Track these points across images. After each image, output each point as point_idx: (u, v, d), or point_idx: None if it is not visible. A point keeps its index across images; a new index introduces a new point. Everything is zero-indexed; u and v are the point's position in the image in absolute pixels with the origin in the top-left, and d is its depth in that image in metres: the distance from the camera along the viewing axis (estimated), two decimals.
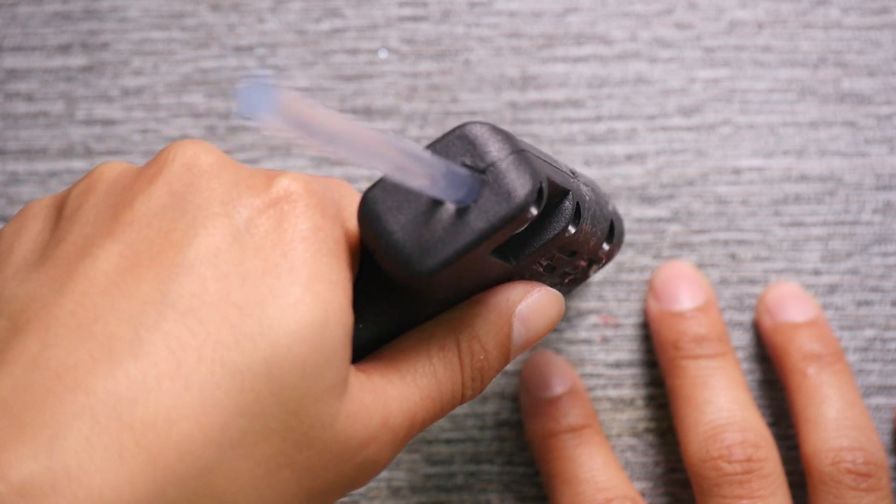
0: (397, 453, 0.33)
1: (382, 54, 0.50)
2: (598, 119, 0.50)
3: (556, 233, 0.33)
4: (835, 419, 0.44)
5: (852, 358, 0.49)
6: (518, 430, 0.49)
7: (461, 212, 0.30)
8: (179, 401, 0.27)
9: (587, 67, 0.50)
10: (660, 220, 0.49)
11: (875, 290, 0.49)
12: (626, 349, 0.49)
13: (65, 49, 0.50)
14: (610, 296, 0.49)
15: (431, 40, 0.50)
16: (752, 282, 0.49)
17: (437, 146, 0.31)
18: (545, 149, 0.49)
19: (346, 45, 0.50)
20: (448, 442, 0.49)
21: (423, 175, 0.28)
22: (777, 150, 0.49)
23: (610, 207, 0.39)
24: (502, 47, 0.50)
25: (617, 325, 0.49)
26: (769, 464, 0.43)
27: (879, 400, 0.49)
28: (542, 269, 0.35)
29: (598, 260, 0.39)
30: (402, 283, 0.31)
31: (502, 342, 0.34)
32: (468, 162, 0.30)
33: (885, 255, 0.49)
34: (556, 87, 0.50)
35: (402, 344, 0.33)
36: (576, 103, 0.50)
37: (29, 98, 0.50)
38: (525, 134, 0.50)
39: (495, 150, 0.30)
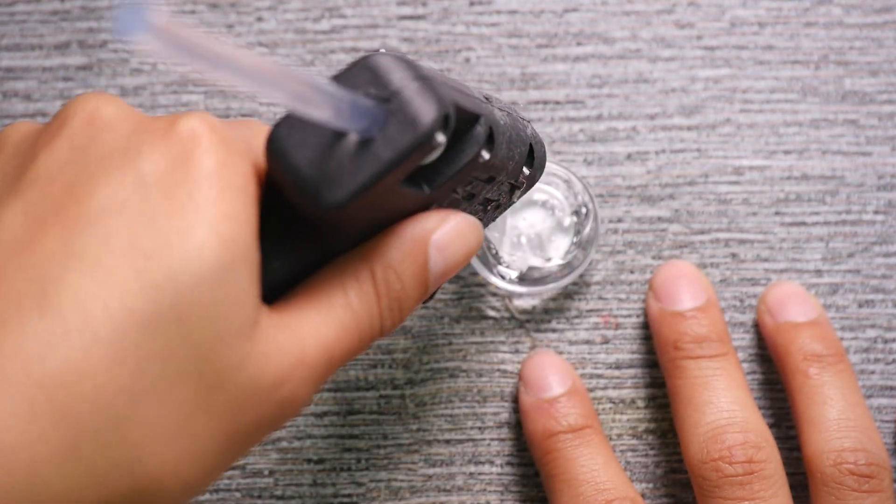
0: (317, 389, 0.32)
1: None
2: (599, 118, 0.50)
3: (470, 158, 0.33)
4: (836, 420, 0.44)
5: (854, 359, 0.48)
6: (518, 431, 0.48)
7: (367, 142, 0.29)
8: (88, 353, 0.27)
9: (588, 66, 0.50)
10: (660, 219, 0.49)
11: (877, 290, 0.49)
12: (627, 350, 0.49)
13: (63, 48, 0.50)
14: (610, 296, 0.49)
15: (431, 39, 0.50)
16: (754, 282, 0.49)
17: (340, 78, 0.30)
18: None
19: (345, 45, 0.50)
20: (448, 443, 0.49)
21: (326, 106, 0.27)
22: (778, 150, 0.49)
23: (528, 131, 0.38)
24: (502, 46, 0.50)
25: (617, 326, 0.49)
26: (770, 465, 0.43)
27: (881, 401, 0.48)
28: (460, 197, 0.34)
29: (519, 185, 0.38)
30: (313, 218, 0.30)
31: (419, 271, 0.33)
32: (372, 92, 0.30)
33: (887, 255, 0.49)
34: (557, 87, 0.50)
35: (317, 279, 0.32)
36: (576, 102, 0.50)
37: (27, 97, 0.50)
38: None
39: (399, 79, 0.30)
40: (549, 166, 0.48)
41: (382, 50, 0.34)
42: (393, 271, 0.33)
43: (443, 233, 0.33)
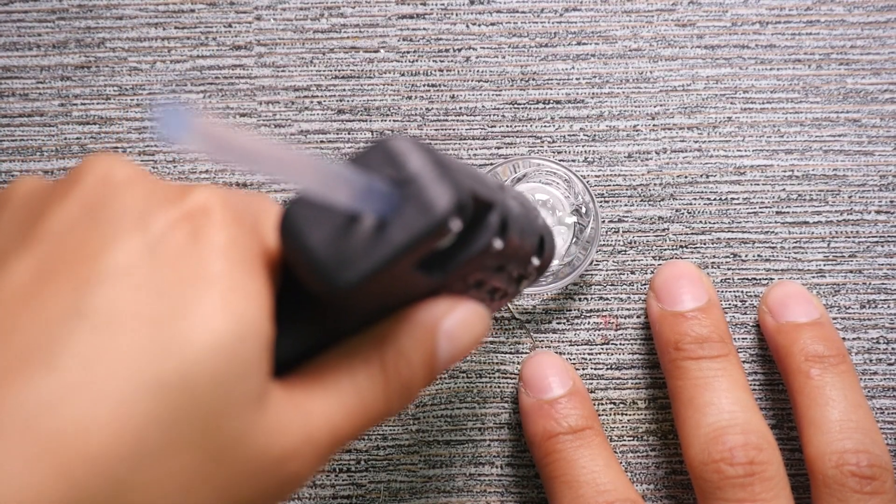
0: (320, 468, 0.32)
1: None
2: (600, 118, 0.49)
3: (482, 247, 0.32)
4: (838, 421, 0.43)
5: (856, 359, 0.48)
6: (518, 432, 0.48)
7: (381, 225, 0.29)
8: (92, 413, 0.26)
9: (588, 65, 0.50)
10: (661, 219, 0.49)
11: (879, 290, 0.49)
12: (628, 350, 0.49)
13: (60, 46, 0.50)
14: (611, 296, 0.49)
15: (431, 38, 0.50)
16: (755, 282, 0.49)
17: (357, 160, 0.30)
18: (545, 148, 0.49)
19: (344, 44, 0.50)
20: (447, 444, 0.48)
21: (343, 191, 0.28)
22: (780, 149, 0.49)
23: (540, 222, 0.38)
24: (503, 45, 0.50)
25: (618, 326, 0.49)
26: (772, 466, 0.42)
27: (884, 402, 0.48)
28: (470, 285, 0.35)
29: (527, 275, 0.38)
30: (324, 297, 0.30)
31: (428, 358, 0.33)
32: (389, 175, 0.30)
33: (889, 255, 0.49)
34: (557, 86, 0.50)
35: (326, 358, 0.32)
36: (577, 102, 0.49)
37: (24, 96, 0.50)
38: (526, 133, 0.49)
39: (416, 164, 0.30)
40: (550, 165, 0.47)
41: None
42: (403, 357, 0.33)
43: (453, 321, 0.33)
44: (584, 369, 0.48)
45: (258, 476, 0.30)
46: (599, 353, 0.49)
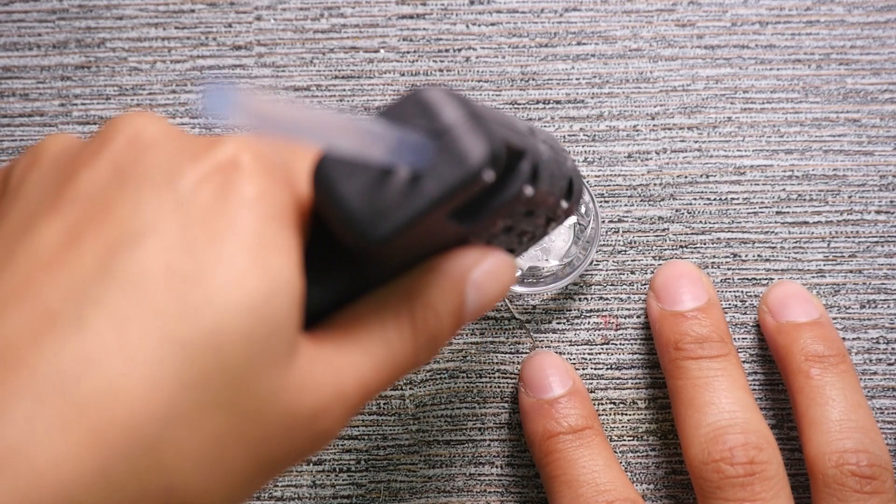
0: (349, 420, 0.32)
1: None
2: (600, 118, 0.49)
3: (514, 195, 0.32)
4: (838, 421, 0.43)
5: (856, 359, 0.48)
6: (518, 432, 0.48)
7: (416, 177, 0.29)
8: (124, 376, 0.26)
9: (588, 66, 0.50)
10: (661, 219, 0.49)
11: (879, 290, 0.49)
12: (628, 350, 0.49)
13: (60, 46, 0.50)
14: (611, 296, 0.49)
15: (431, 38, 0.50)
16: (755, 282, 0.49)
17: (390, 112, 0.30)
18: None
19: (344, 44, 0.50)
20: (447, 444, 0.48)
21: (377, 147, 0.27)
22: (780, 149, 0.49)
23: (569, 164, 0.38)
24: (502, 45, 0.50)
25: (618, 326, 0.49)
26: (772, 466, 0.42)
27: (884, 402, 0.48)
28: (499, 231, 0.35)
29: (556, 218, 0.38)
30: (356, 250, 0.30)
31: (456, 309, 0.33)
32: (423, 127, 0.29)
33: (889, 255, 0.49)
34: (557, 86, 0.50)
35: (356, 310, 0.32)
36: (577, 102, 0.49)
37: (24, 96, 0.50)
38: None
39: (450, 115, 0.29)
40: None
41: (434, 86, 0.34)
42: (432, 309, 0.33)
43: (481, 272, 0.33)
44: (584, 369, 0.48)
45: (289, 433, 0.30)
46: (599, 353, 0.49)
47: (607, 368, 0.49)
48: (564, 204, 0.38)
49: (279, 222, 0.29)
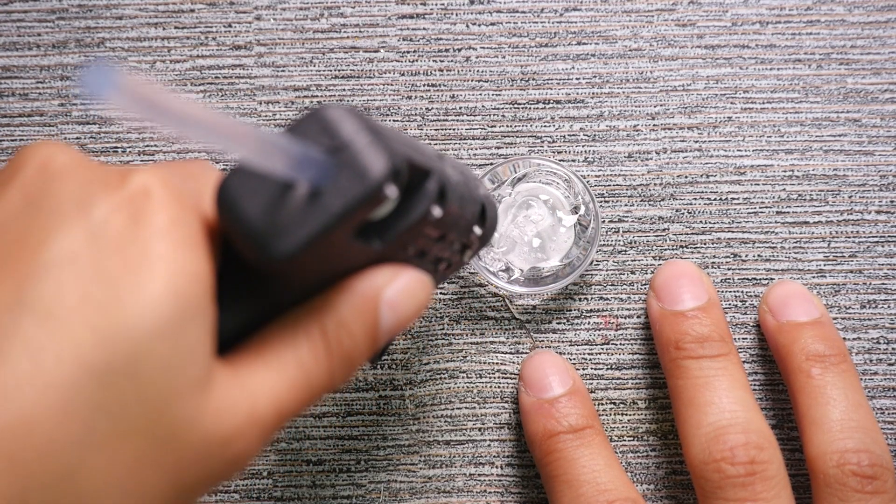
0: (266, 444, 0.32)
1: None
2: (600, 117, 0.49)
3: (421, 214, 0.32)
4: (839, 420, 0.43)
5: (857, 359, 0.48)
6: (518, 432, 0.48)
7: (317, 194, 0.29)
8: (39, 404, 0.27)
9: (588, 65, 0.50)
10: (662, 219, 0.49)
11: (880, 290, 0.49)
12: (628, 350, 0.48)
13: (60, 46, 0.50)
14: (611, 296, 0.49)
15: (431, 38, 0.50)
16: (755, 282, 0.49)
17: (292, 129, 0.30)
18: (545, 148, 0.49)
19: (344, 44, 0.50)
20: (447, 444, 0.48)
21: (277, 159, 0.28)
22: (780, 149, 0.49)
23: (481, 191, 0.38)
24: (503, 45, 0.50)
25: (618, 326, 0.49)
26: (772, 466, 0.42)
27: (884, 401, 0.48)
28: (412, 255, 0.35)
29: (470, 244, 0.38)
30: (263, 269, 0.30)
31: (369, 328, 0.33)
32: (324, 143, 0.30)
33: (889, 255, 0.49)
34: (557, 86, 0.49)
35: (268, 333, 0.32)
36: (577, 102, 0.49)
37: (24, 96, 0.50)
38: (526, 132, 0.49)
39: (349, 131, 0.30)
40: (550, 165, 0.47)
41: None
42: (344, 328, 0.33)
43: (394, 290, 0.33)
44: (584, 369, 0.48)
45: (205, 458, 0.30)
46: (599, 353, 0.49)
47: (607, 368, 0.49)
48: (478, 230, 0.38)
49: (190, 248, 0.29)
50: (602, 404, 0.48)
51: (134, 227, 0.29)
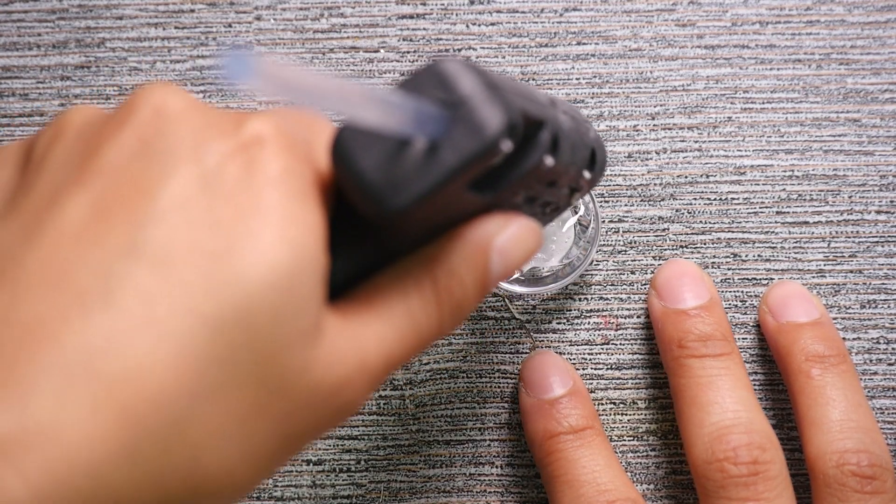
0: (373, 392, 0.32)
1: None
2: (600, 117, 0.49)
3: (533, 165, 0.33)
4: (839, 421, 0.43)
5: (857, 359, 0.48)
6: (518, 432, 0.48)
7: (433, 148, 0.29)
8: (152, 352, 0.26)
9: (588, 66, 0.50)
10: (662, 219, 0.49)
11: (880, 290, 0.49)
12: (628, 350, 0.49)
13: (60, 46, 0.50)
14: (611, 296, 0.49)
15: (431, 38, 0.50)
16: (755, 282, 0.49)
17: (408, 83, 0.30)
18: None
19: (344, 44, 0.50)
20: (447, 444, 0.48)
21: (394, 118, 0.28)
22: (780, 149, 0.49)
23: (591, 135, 0.38)
24: (503, 45, 0.50)
25: (618, 326, 0.49)
26: (775, 466, 0.42)
27: (884, 402, 0.48)
28: (521, 201, 0.35)
29: (579, 188, 0.38)
30: (377, 222, 0.30)
31: (480, 276, 0.33)
32: (440, 97, 0.30)
33: (889, 255, 0.49)
34: (557, 86, 0.49)
35: (379, 282, 0.32)
36: (577, 102, 0.49)
37: (24, 96, 0.50)
38: None
39: (467, 86, 0.30)
40: None
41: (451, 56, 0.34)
42: (455, 277, 0.33)
43: (505, 237, 0.33)
44: (584, 369, 0.48)
45: (314, 406, 0.30)
46: (599, 353, 0.49)
47: (607, 368, 0.49)
48: (587, 174, 0.38)
49: (303, 198, 0.29)
50: (602, 404, 0.48)
51: (247, 174, 0.29)
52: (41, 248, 0.28)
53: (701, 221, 0.49)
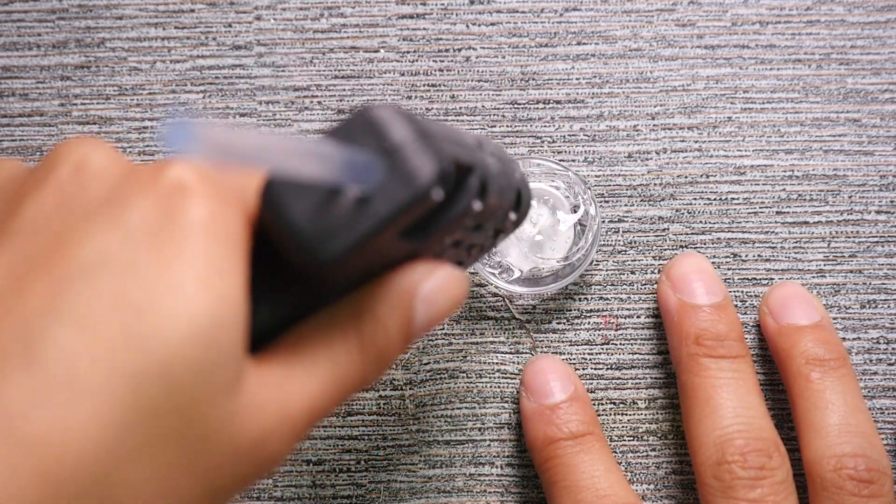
0: (298, 443, 0.32)
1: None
2: (600, 118, 0.49)
3: (462, 210, 0.32)
4: (837, 425, 0.43)
5: (856, 359, 0.48)
6: (518, 433, 0.48)
7: (365, 197, 0.29)
8: (73, 412, 0.26)
9: (588, 66, 0.50)
10: (662, 219, 0.49)
11: (880, 290, 0.49)
12: (628, 350, 0.49)
13: (60, 46, 0.50)
14: (611, 296, 0.49)
15: (431, 38, 0.50)
16: (755, 282, 0.49)
17: (339, 131, 0.30)
18: (545, 148, 0.49)
19: (344, 44, 0.50)
20: (447, 444, 0.48)
21: (327, 169, 0.27)
22: (780, 149, 0.49)
23: (517, 175, 0.38)
24: (503, 45, 0.50)
25: (618, 326, 0.49)
26: (781, 472, 0.43)
27: (884, 402, 0.48)
28: (448, 245, 0.34)
29: (504, 229, 0.38)
30: (305, 271, 0.30)
31: (404, 324, 0.33)
32: (371, 146, 0.29)
33: (889, 255, 0.49)
34: (557, 86, 0.49)
35: (304, 330, 0.32)
36: (577, 102, 0.49)
37: (24, 96, 0.50)
38: (526, 133, 0.49)
39: (398, 134, 0.29)
40: (550, 165, 0.47)
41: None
42: (380, 325, 0.32)
43: (430, 286, 0.33)
44: (584, 369, 0.48)
45: (237, 459, 0.29)
46: (599, 353, 0.49)
47: (607, 368, 0.49)
48: (513, 216, 0.38)
49: (228, 245, 0.29)
50: (602, 404, 0.48)
51: (169, 223, 0.28)
52: None
53: (701, 221, 0.49)
